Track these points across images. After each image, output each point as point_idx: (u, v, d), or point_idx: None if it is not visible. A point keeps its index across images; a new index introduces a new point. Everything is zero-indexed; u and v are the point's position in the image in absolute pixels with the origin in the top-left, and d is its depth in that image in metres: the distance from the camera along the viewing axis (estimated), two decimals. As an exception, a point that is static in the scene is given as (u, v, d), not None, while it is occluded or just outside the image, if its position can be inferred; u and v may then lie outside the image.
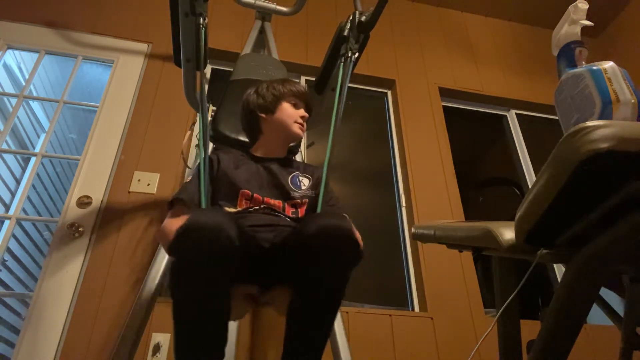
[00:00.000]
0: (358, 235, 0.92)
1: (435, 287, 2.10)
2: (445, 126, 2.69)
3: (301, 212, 1.17)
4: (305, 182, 1.23)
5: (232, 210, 1.11)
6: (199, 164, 1.11)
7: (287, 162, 1.29)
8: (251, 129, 1.31)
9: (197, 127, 2.19)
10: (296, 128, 1.25)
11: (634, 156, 0.50)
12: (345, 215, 1.00)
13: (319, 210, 1.15)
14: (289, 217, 1.13)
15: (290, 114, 1.25)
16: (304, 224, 0.87)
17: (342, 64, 1.45)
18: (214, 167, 1.16)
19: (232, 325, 1.63)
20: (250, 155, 1.27)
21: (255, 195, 1.13)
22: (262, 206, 1.11)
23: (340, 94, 1.34)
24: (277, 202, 1.15)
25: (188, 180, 1.14)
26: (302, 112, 1.28)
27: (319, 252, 0.83)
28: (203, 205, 1.02)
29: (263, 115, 1.27)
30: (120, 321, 1.70)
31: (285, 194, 1.17)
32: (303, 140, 2.27)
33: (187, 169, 2.10)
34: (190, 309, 0.81)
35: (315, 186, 1.24)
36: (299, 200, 1.18)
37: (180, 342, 0.82)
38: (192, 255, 0.78)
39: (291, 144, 1.40)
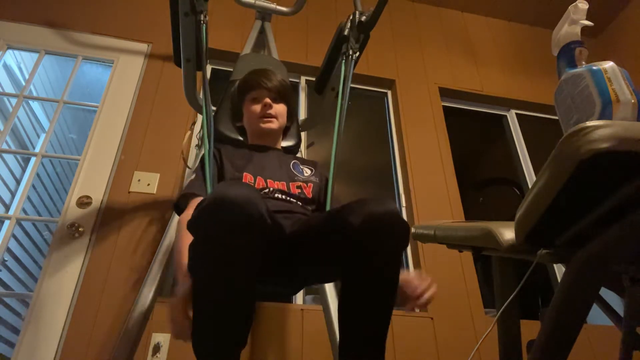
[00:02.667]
0: None
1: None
2: (445, 126, 2.69)
3: (307, 192, 1.16)
4: (307, 171, 1.24)
5: None
6: (200, 160, 1.11)
7: (286, 152, 1.30)
8: (242, 135, 1.36)
9: (197, 127, 2.19)
10: (261, 124, 1.23)
11: (634, 156, 0.49)
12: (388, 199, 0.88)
13: (328, 202, 1.13)
14: (299, 202, 1.11)
15: (251, 113, 1.25)
16: (348, 213, 0.80)
17: (343, 61, 1.45)
18: (217, 160, 1.15)
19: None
20: (249, 145, 1.28)
21: (258, 177, 1.11)
22: (270, 189, 1.09)
23: (343, 91, 1.34)
24: (281, 184, 1.13)
25: (192, 177, 1.12)
26: (264, 101, 1.23)
27: (370, 243, 0.77)
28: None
29: (239, 123, 1.32)
30: (120, 321, 1.70)
31: (288, 176, 1.17)
32: (303, 140, 2.27)
33: (187, 169, 2.10)
34: (215, 293, 0.73)
35: (317, 176, 1.24)
36: (303, 183, 1.17)
37: (202, 326, 0.74)
38: (220, 232, 0.70)
39: (285, 144, 1.40)
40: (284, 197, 1.10)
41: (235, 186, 0.73)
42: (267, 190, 1.09)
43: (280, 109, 1.26)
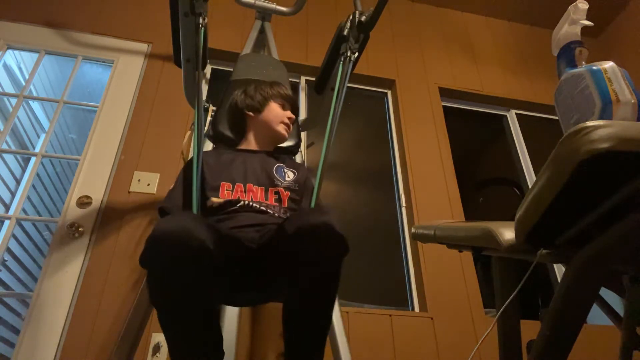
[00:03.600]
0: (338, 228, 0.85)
1: (435, 287, 2.10)
2: (445, 126, 2.69)
3: (284, 202, 1.17)
4: (289, 175, 1.24)
5: (219, 200, 1.10)
6: (182, 170, 1.14)
7: (273, 155, 1.30)
8: (237, 126, 1.35)
9: (197, 127, 2.19)
10: (282, 129, 1.29)
11: (634, 156, 0.49)
12: (328, 209, 0.88)
13: (315, 192, 1.14)
14: (274, 211, 1.12)
15: (277, 114, 1.29)
16: (285, 224, 0.85)
17: (341, 63, 1.45)
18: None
19: (233, 323, 1.64)
20: (235, 150, 1.28)
21: (237, 184, 1.13)
22: (246, 202, 1.10)
23: (338, 94, 1.34)
24: (260, 189, 1.15)
25: (171, 188, 1.15)
26: (288, 113, 1.31)
27: (301, 253, 0.81)
28: (194, 205, 1.00)
29: (250, 113, 1.31)
30: (120, 321, 1.70)
31: (268, 181, 1.18)
32: (303, 140, 2.27)
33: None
34: (173, 318, 0.79)
35: (299, 181, 1.24)
36: (282, 189, 1.18)
37: (173, 348, 0.81)
38: (163, 266, 0.75)
39: (285, 144, 1.40)
40: (259, 207, 1.11)
41: (173, 219, 0.76)
42: (242, 203, 1.10)
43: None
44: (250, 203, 1.11)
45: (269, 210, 1.12)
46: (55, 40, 2.33)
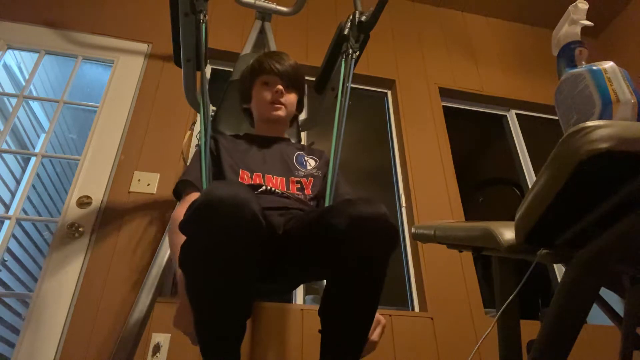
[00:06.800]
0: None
1: (435, 287, 2.10)
2: (445, 126, 2.69)
3: (307, 190, 1.12)
4: (311, 162, 1.20)
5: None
6: (197, 150, 1.09)
7: (291, 142, 1.26)
8: (248, 118, 1.32)
9: (197, 127, 2.19)
10: (270, 111, 1.18)
11: (634, 156, 0.49)
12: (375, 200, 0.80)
13: (327, 198, 1.07)
14: (297, 200, 1.07)
15: (261, 98, 1.19)
16: (330, 214, 0.77)
17: (343, 60, 1.45)
18: (213, 152, 1.12)
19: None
20: (252, 136, 1.24)
21: (255, 174, 1.08)
22: (267, 187, 1.05)
23: (343, 91, 1.33)
24: (280, 180, 1.10)
25: (189, 163, 1.11)
26: (275, 88, 1.17)
27: (354, 245, 0.73)
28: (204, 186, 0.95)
29: (246, 105, 1.28)
30: (120, 321, 1.70)
31: (288, 171, 1.13)
32: (303, 140, 2.27)
33: (187, 169, 2.10)
34: (207, 299, 0.71)
35: (322, 168, 1.20)
36: (304, 179, 1.13)
37: (200, 316, 0.73)
38: (210, 235, 0.66)
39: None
40: (281, 192, 1.07)
41: (227, 186, 0.68)
42: (263, 188, 1.05)
43: (290, 98, 1.21)
44: (272, 188, 1.06)
45: (289, 196, 1.06)
46: (55, 40, 2.33)
